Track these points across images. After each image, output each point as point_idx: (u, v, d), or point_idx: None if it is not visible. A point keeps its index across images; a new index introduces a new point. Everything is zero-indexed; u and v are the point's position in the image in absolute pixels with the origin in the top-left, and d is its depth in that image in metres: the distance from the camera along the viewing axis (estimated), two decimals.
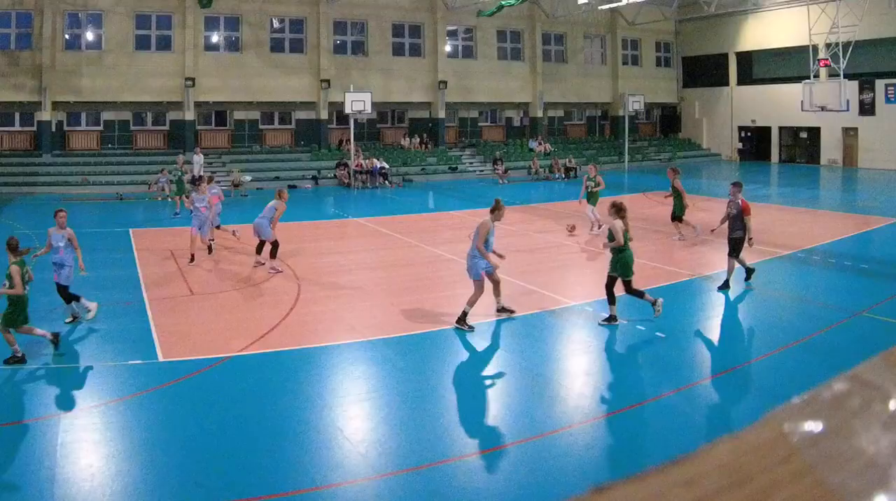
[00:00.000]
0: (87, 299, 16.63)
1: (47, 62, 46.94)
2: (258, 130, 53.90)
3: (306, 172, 50.04)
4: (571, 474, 9.63)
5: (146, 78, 48.78)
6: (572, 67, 61.98)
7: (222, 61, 51.35)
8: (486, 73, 58.07)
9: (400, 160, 53.09)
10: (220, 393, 12.63)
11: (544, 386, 12.94)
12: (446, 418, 11.66)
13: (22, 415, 11.50)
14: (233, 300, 18.94)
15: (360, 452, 10.37)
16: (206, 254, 23.69)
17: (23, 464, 9.78)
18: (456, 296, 17.60)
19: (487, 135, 61.04)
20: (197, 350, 14.68)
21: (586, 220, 27.73)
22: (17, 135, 48.97)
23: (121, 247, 25.81)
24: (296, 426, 11.19)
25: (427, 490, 9.39)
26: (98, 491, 9.14)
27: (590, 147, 61.31)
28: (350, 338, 15.38)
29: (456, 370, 13.99)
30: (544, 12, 59.07)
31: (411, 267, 21.96)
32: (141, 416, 11.47)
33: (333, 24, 53.84)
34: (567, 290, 19.75)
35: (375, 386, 13.16)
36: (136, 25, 49.34)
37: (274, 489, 9.29)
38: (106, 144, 50.29)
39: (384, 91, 53.34)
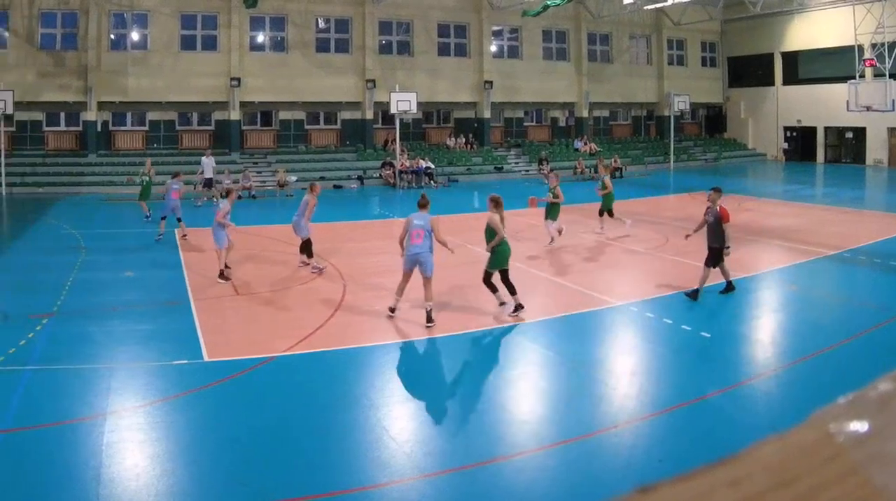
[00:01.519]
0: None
1: (93, 62, 44.66)
2: (304, 130, 51.15)
3: (352, 172, 47.38)
4: (616, 474, 9.21)
5: (191, 78, 46.43)
6: (618, 67, 58.50)
7: (268, 61, 48.73)
8: (531, 73, 54.81)
9: (445, 160, 50.44)
10: (265, 393, 12.17)
11: (589, 386, 12.54)
12: (491, 418, 11.21)
13: (67, 415, 10.92)
14: (278, 300, 18.16)
15: (406, 452, 10.00)
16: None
17: (68, 464, 9.38)
18: (500, 296, 16.83)
19: (533, 136, 57.64)
20: (242, 350, 14.13)
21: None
22: (63, 135, 46.66)
23: (166, 247, 24.78)
24: (341, 426, 10.80)
25: (472, 490, 9.04)
26: (143, 492, 8.82)
27: (635, 147, 58.04)
28: (395, 338, 14.96)
29: (501, 369, 13.53)
30: (589, 12, 55.72)
31: (457, 267, 20.28)
32: (186, 416, 11.11)
33: (379, 24, 51.01)
34: (612, 290, 18.85)
35: (421, 385, 12.81)
36: (181, 25, 46.98)
37: (319, 489, 9.01)
38: (151, 144, 47.79)
39: (430, 91, 50.46)
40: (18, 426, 10.60)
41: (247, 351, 14.02)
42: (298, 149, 49.95)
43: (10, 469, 9.30)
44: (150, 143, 47.67)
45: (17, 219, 33.28)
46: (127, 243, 24.56)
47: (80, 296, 16.59)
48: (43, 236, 27.17)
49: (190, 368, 13.01)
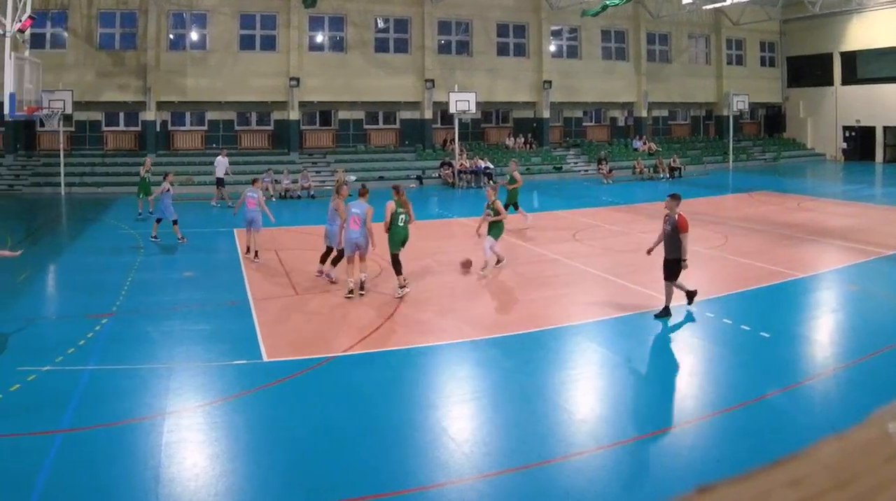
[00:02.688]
0: None
1: (152, 62, 42.36)
2: (363, 130, 48.15)
3: (411, 172, 44.72)
4: (675, 474, 8.71)
5: (250, 78, 43.89)
6: (676, 67, 54.69)
7: (327, 61, 45.87)
8: (590, 72, 51.32)
9: (504, 160, 46.42)
10: (323, 394, 11.73)
11: (648, 386, 12.14)
12: (550, 418, 10.69)
13: (127, 415, 10.50)
14: (337, 300, 17.18)
15: (465, 452, 9.57)
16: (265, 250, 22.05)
17: (128, 464, 9.02)
18: (560, 296, 17.01)
19: (592, 135, 54.11)
20: (301, 350, 13.59)
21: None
22: (122, 134, 44.33)
23: (225, 247, 24.02)
24: (400, 426, 10.31)
25: (531, 491, 8.50)
26: (203, 492, 8.45)
27: (694, 147, 54.41)
28: (454, 338, 14.24)
29: (560, 370, 12.86)
30: (648, 12, 52.00)
31: (515, 266, 19.92)
32: (246, 416, 10.67)
33: (438, 24, 47.92)
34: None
35: (480, 385, 12.15)
36: (240, 25, 44.35)
37: (378, 489, 8.57)
38: (210, 144, 44.95)
39: (488, 91, 47.38)
40: (78, 426, 10.14)
41: (306, 351, 13.51)
42: (357, 149, 47.27)
43: (71, 469, 8.88)
44: (208, 143, 45.10)
45: (76, 220, 31.82)
46: (188, 243, 23.26)
47: (139, 296, 16.02)
48: (102, 236, 25.91)
49: (249, 368, 12.53)
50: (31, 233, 27.49)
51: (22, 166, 41.10)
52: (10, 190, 39.09)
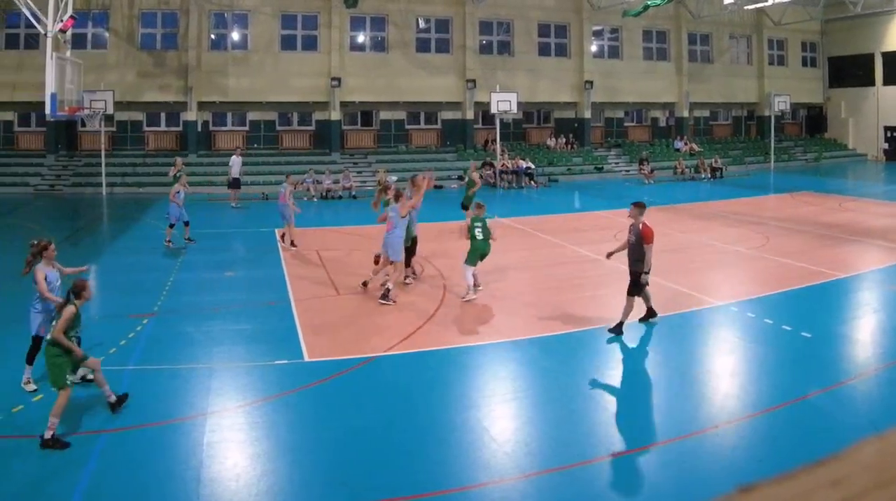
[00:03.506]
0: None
1: (193, 62, 40.40)
2: (404, 130, 45.84)
3: (452, 172, 42.29)
4: (718, 473, 8.48)
5: (292, 78, 41.82)
6: (718, 67, 51.78)
7: (368, 61, 43.64)
8: (631, 73, 48.58)
9: (545, 160, 45.18)
10: (365, 394, 11.19)
11: (690, 386, 11.45)
12: (592, 418, 10.29)
13: (168, 415, 10.15)
14: (379, 300, 16.26)
15: (506, 452, 9.17)
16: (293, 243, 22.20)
17: (169, 464, 8.74)
18: (601, 297, 16.51)
19: (633, 135, 51.47)
20: (342, 350, 13.17)
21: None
22: (163, 135, 42.40)
23: (266, 247, 23.06)
24: (441, 426, 9.95)
25: (573, 491, 8.29)
26: (244, 491, 8.23)
27: (735, 147, 51.57)
28: (495, 338, 13.76)
29: (601, 370, 12.33)
30: (690, 12, 49.26)
31: (556, 266, 19.46)
32: (287, 416, 10.27)
33: (479, 24, 45.44)
34: (712, 290, 17.39)
35: (521, 385, 11.61)
36: (281, 25, 42.25)
37: (419, 489, 8.27)
38: (252, 144, 43.03)
39: (530, 91, 44.88)
40: (119, 426, 9.84)
41: (347, 351, 13.06)
42: (399, 149, 44.98)
43: (113, 469, 8.66)
44: (250, 143, 43.04)
45: (117, 220, 30.68)
46: (227, 243, 22.94)
47: (180, 296, 15.48)
48: (143, 236, 25.09)
49: (290, 368, 12.13)
50: (73, 234, 26.33)
51: (63, 166, 39.37)
52: (52, 190, 37.38)
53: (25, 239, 22.37)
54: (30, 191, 37.28)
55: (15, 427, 9.76)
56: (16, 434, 9.57)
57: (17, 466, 8.74)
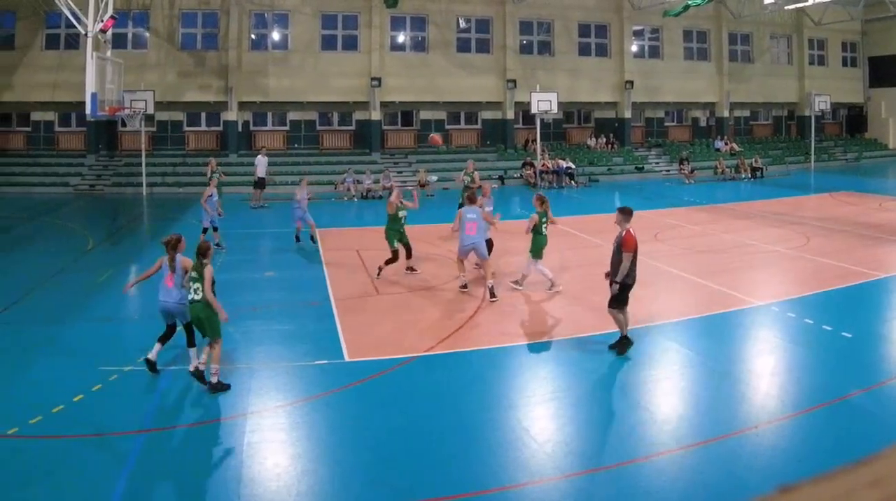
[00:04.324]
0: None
1: (233, 62, 38.25)
2: (445, 130, 43.09)
3: (492, 172, 39.91)
4: (757, 474, 8.05)
5: (332, 78, 39.55)
6: (758, 67, 48.80)
7: (408, 61, 41.30)
8: (672, 72, 45.88)
9: (586, 160, 42.63)
10: (405, 393, 10.66)
11: (730, 385, 10.80)
12: (631, 418, 9.74)
13: (209, 415, 9.81)
14: (419, 300, 16.01)
15: (546, 452, 8.80)
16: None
17: (210, 464, 8.49)
18: (641, 296, 14.03)
19: (673, 135, 48.66)
20: (383, 350, 12.49)
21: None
22: (204, 134, 40.23)
23: (307, 247, 21.82)
24: (481, 426, 9.50)
25: (612, 491, 7.91)
26: (284, 491, 7.89)
27: (776, 147, 48.67)
28: (536, 338, 12.96)
29: (640, 369, 11.52)
30: (730, 12, 46.37)
31: (596, 266, 16.97)
32: (327, 416, 9.86)
33: (519, 24, 42.95)
34: (753, 290, 16.50)
35: (561, 385, 10.95)
36: (321, 25, 39.99)
37: (460, 488, 7.94)
38: (292, 144, 40.87)
39: (570, 91, 42.28)
40: (160, 425, 9.49)
41: (387, 351, 12.49)
42: (439, 149, 41.85)
43: (152, 469, 8.28)
44: (290, 143, 40.89)
45: (157, 219, 28.93)
46: (267, 243, 21.97)
47: (220, 296, 13.82)
48: (183, 236, 22.20)
49: (331, 368, 11.65)
50: (113, 233, 25.41)
51: (104, 166, 37.38)
52: (92, 190, 35.46)
53: (65, 239, 22.16)
54: (70, 191, 35.45)
55: (55, 426, 9.30)
56: (56, 435, 9.12)
57: (58, 465, 8.35)
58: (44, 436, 9.06)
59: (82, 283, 17.41)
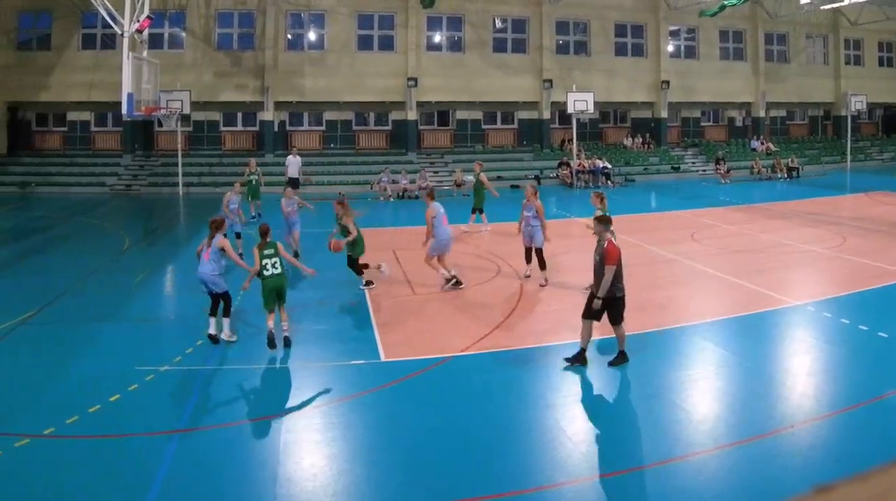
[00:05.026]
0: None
1: (270, 62, 36.40)
2: (480, 130, 41.20)
3: (528, 172, 38.06)
4: (794, 474, 7.67)
5: (368, 78, 37.61)
6: (794, 67, 46.29)
7: (444, 61, 39.24)
8: (708, 72, 43.56)
9: (622, 160, 40.57)
10: (441, 393, 10.16)
11: (766, 385, 10.28)
12: (668, 417, 9.21)
13: (245, 415, 9.44)
14: (455, 300, 15.03)
15: (583, 452, 8.39)
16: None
17: (246, 464, 8.04)
18: (677, 296, 15.04)
19: (710, 135, 46.28)
20: (419, 350, 11.89)
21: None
22: (240, 134, 38.36)
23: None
24: (517, 425, 9.04)
25: (649, 491, 7.56)
26: (320, 491, 7.49)
27: (812, 147, 46.19)
28: (572, 338, 11.69)
29: (677, 369, 11.01)
30: (766, 12, 44.01)
31: (633, 267, 16.07)
32: (363, 416, 9.37)
33: (556, 24, 40.77)
34: (789, 290, 15.57)
35: (597, 385, 10.41)
36: (358, 25, 38.02)
37: (496, 488, 7.54)
38: (328, 144, 38.90)
39: (606, 91, 40.16)
40: (196, 425, 9.05)
41: (423, 351, 11.84)
42: (475, 149, 40.32)
43: (188, 469, 7.90)
44: (326, 143, 38.96)
45: (194, 219, 27.69)
46: (303, 243, 19.89)
47: (256, 296, 13.42)
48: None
49: (367, 368, 11.04)
50: (149, 234, 24.37)
51: (140, 166, 35.63)
52: (128, 190, 33.78)
53: (101, 239, 21.57)
54: (106, 191, 33.77)
55: (92, 426, 8.95)
56: (93, 434, 8.78)
57: (94, 465, 8.02)
58: (80, 436, 8.69)
59: (118, 284, 16.70)
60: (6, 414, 9.30)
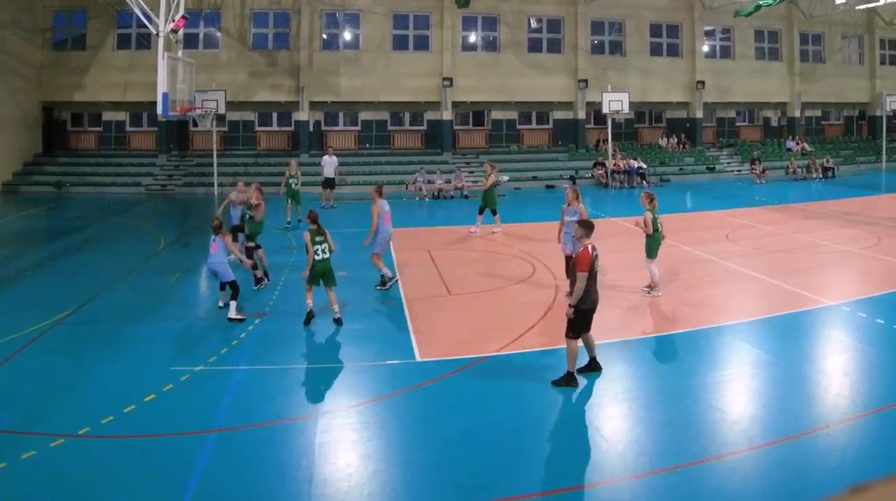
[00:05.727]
0: None
1: (305, 62, 34.60)
2: (515, 130, 39.14)
3: (563, 172, 36.14)
4: (829, 474, 7.35)
5: (403, 78, 35.80)
6: (829, 67, 43.94)
7: (480, 61, 37.23)
8: (743, 72, 41.31)
9: (657, 160, 38.47)
10: (476, 394, 9.66)
11: (801, 385, 9.83)
12: (703, 418, 8.79)
13: (279, 415, 8.94)
14: (490, 300, 14.35)
15: (618, 452, 7.98)
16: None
17: (281, 464, 7.64)
18: (712, 296, 14.46)
19: (745, 135, 43.96)
20: (454, 350, 11.34)
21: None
22: (275, 134, 36.51)
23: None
24: (552, 426, 8.74)
25: (684, 491, 7.13)
26: (355, 491, 7.16)
27: (847, 147, 43.85)
28: (606, 339, 11.31)
29: (712, 370, 10.54)
30: (802, 12, 41.70)
31: (668, 267, 16.09)
32: (398, 416, 8.97)
33: (591, 23, 38.67)
34: (824, 290, 14.85)
35: (632, 385, 9.95)
36: (393, 25, 36.16)
37: (531, 489, 7.19)
38: (363, 144, 36.99)
39: (641, 91, 38.03)
40: (231, 425, 8.63)
41: (458, 351, 11.29)
42: (510, 149, 38.34)
43: (223, 469, 7.53)
44: (362, 143, 37.00)
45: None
46: (337, 243, 17.44)
47: (291, 297, 14.11)
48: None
49: (402, 368, 10.55)
50: (185, 234, 23.31)
51: (175, 166, 33.88)
52: (164, 190, 32.11)
53: (136, 239, 21.28)
54: (141, 191, 32.06)
55: (127, 426, 8.58)
56: (128, 435, 8.38)
57: (129, 465, 7.59)
58: (115, 436, 8.38)
59: (153, 284, 16.10)
60: (41, 413, 8.90)
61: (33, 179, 32.92)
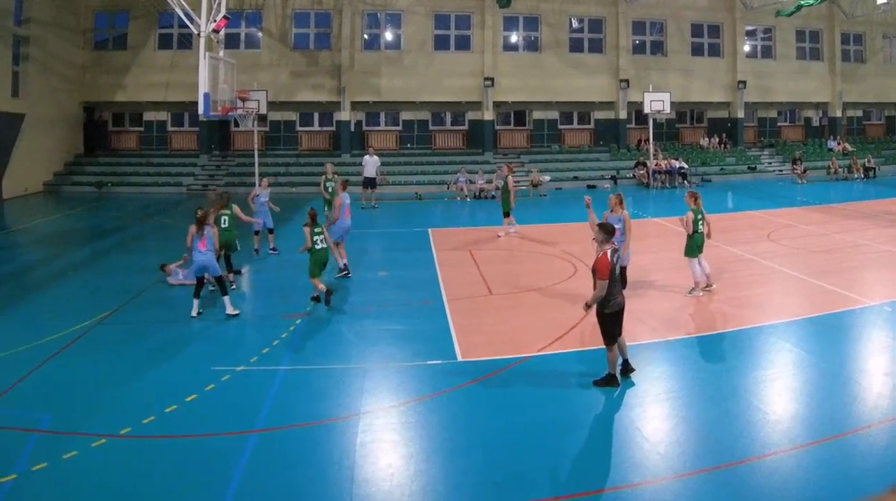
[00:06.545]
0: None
1: (346, 62, 32.58)
2: (557, 130, 36.96)
3: (605, 172, 34.08)
4: (870, 473, 6.91)
5: (445, 78, 33.73)
6: (871, 67, 41.21)
7: (521, 61, 35.11)
8: (784, 72, 38.86)
9: (699, 160, 36.17)
10: (518, 394, 9.15)
11: (842, 385, 9.25)
12: (745, 417, 8.27)
13: (321, 415, 8.48)
14: (531, 300, 13.70)
15: (659, 452, 7.49)
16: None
17: (322, 464, 7.28)
18: (754, 296, 13.68)
19: (786, 135, 41.52)
20: (495, 349, 10.76)
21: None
22: (316, 135, 34.55)
23: (420, 246, 19.27)
24: (593, 426, 8.28)
25: (725, 491, 6.72)
26: (396, 492, 6.78)
27: (888, 147, 41.11)
28: (649, 338, 11.05)
29: (753, 369, 9.88)
30: (843, 12, 39.10)
31: (711, 267, 14.26)
32: (440, 416, 8.50)
33: (632, 24, 36.41)
34: (866, 290, 14.00)
35: (674, 385, 9.36)
36: (434, 25, 34.12)
37: (572, 489, 6.83)
38: (405, 144, 34.97)
39: (683, 91, 35.80)
40: (272, 425, 8.24)
41: (500, 351, 10.65)
42: (552, 149, 36.12)
43: (265, 469, 7.18)
44: (403, 143, 35.01)
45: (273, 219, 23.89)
46: (379, 243, 19.36)
47: (333, 296, 13.01)
48: (294, 236, 20.12)
49: (444, 368, 9.98)
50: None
51: (216, 166, 31.98)
52: (205, 189, 30.17)
53: (177, 239, 19.49)
54: (183, 191, 30.17)
55: (169, 426, 8.09)
56: (170, 434, 7.94)
57: (171, 465, 7.25)
58: (157, 436, 7.95)
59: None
60: (83, 414, 8.51)
61: (74, 179, 31.13)
